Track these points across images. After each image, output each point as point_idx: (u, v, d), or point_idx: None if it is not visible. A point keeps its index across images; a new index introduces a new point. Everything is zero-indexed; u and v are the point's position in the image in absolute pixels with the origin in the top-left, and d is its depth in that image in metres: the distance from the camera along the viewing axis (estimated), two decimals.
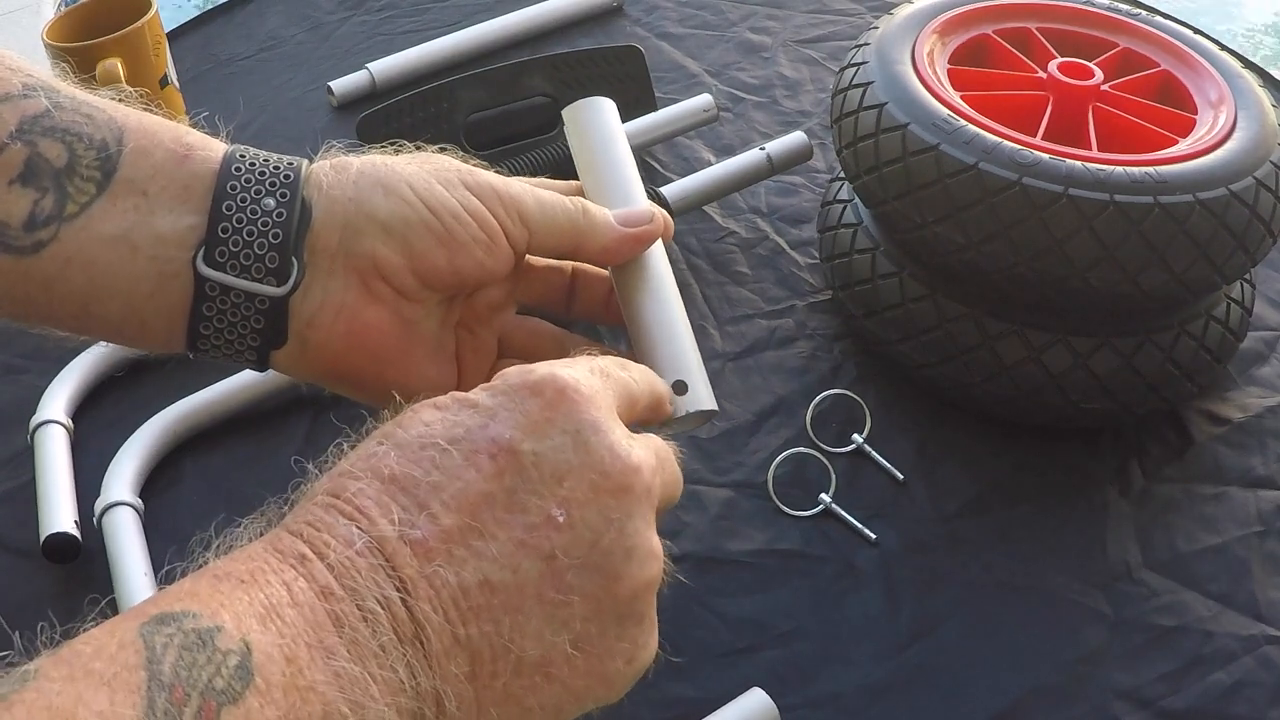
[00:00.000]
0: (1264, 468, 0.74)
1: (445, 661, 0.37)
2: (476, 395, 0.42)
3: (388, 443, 0.41)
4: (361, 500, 0.39)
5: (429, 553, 0.38)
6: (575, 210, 0.54)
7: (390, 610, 0.37)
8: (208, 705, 0.32)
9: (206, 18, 1.26)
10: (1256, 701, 0.62)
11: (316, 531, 0.38)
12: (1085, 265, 0.67)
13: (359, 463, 0.40)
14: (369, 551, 0.37)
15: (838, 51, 1.15)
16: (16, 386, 0.82)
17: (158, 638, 0.33)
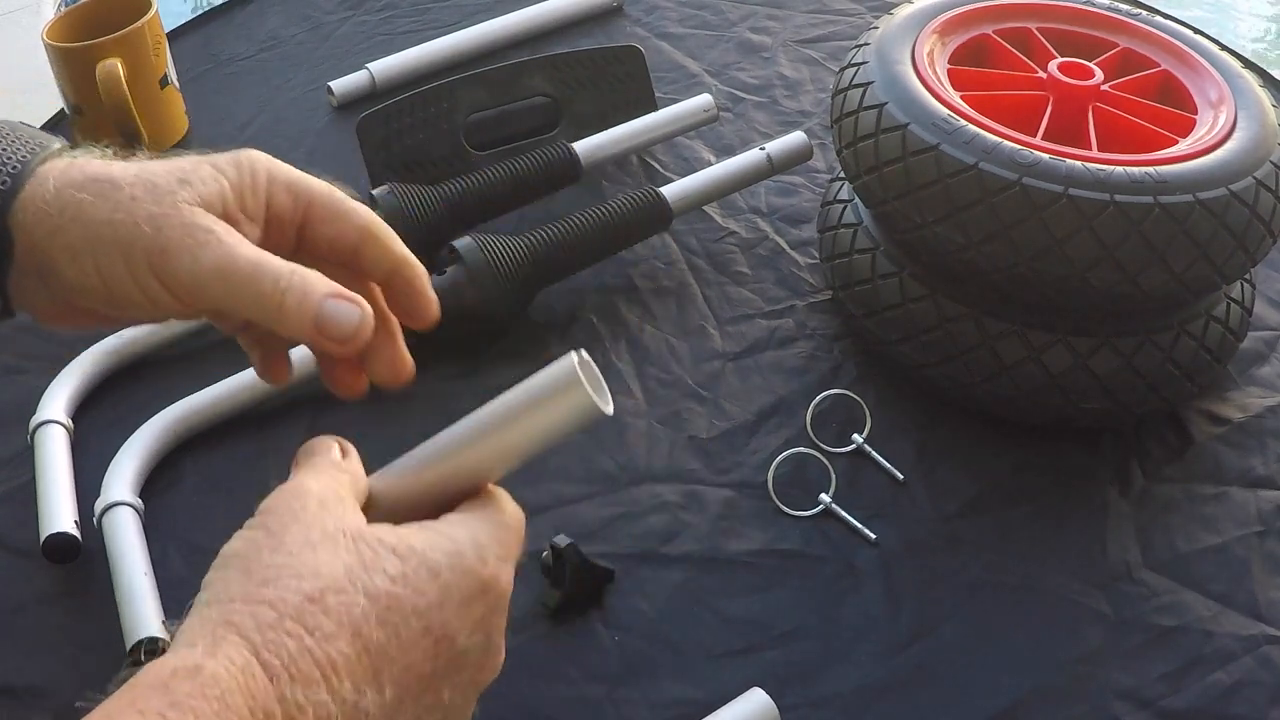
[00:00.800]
0: (1264, 468, 0.74)
1: None
2: (437, 560, 0.44)
3: (358, 589, 0.42)
4: (334, 656, 0.40)
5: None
6: (270, 302, 0.48)
7: None
8: None
9: (206, 18, 1.26)
10: (1256, 701, 0.62)
11: (292, 683, 0.39)
12: (1085, 265, 0.67)
13: (338, 608, 0.41)
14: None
15: (838, 51, 1.15)
16: (16, 386, 0.82)
17: None
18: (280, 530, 0.42)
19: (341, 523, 0.43)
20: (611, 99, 1.01)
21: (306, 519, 0.43)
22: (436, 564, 0.43)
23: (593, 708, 0.62)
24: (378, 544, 0.43)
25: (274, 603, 0.40)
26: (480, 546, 0.45)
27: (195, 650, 0.38)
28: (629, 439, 0.77)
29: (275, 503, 0.44)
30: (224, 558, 0.43)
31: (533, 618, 0.67)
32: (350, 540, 0.43)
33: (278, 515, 0.43)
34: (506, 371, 0.82)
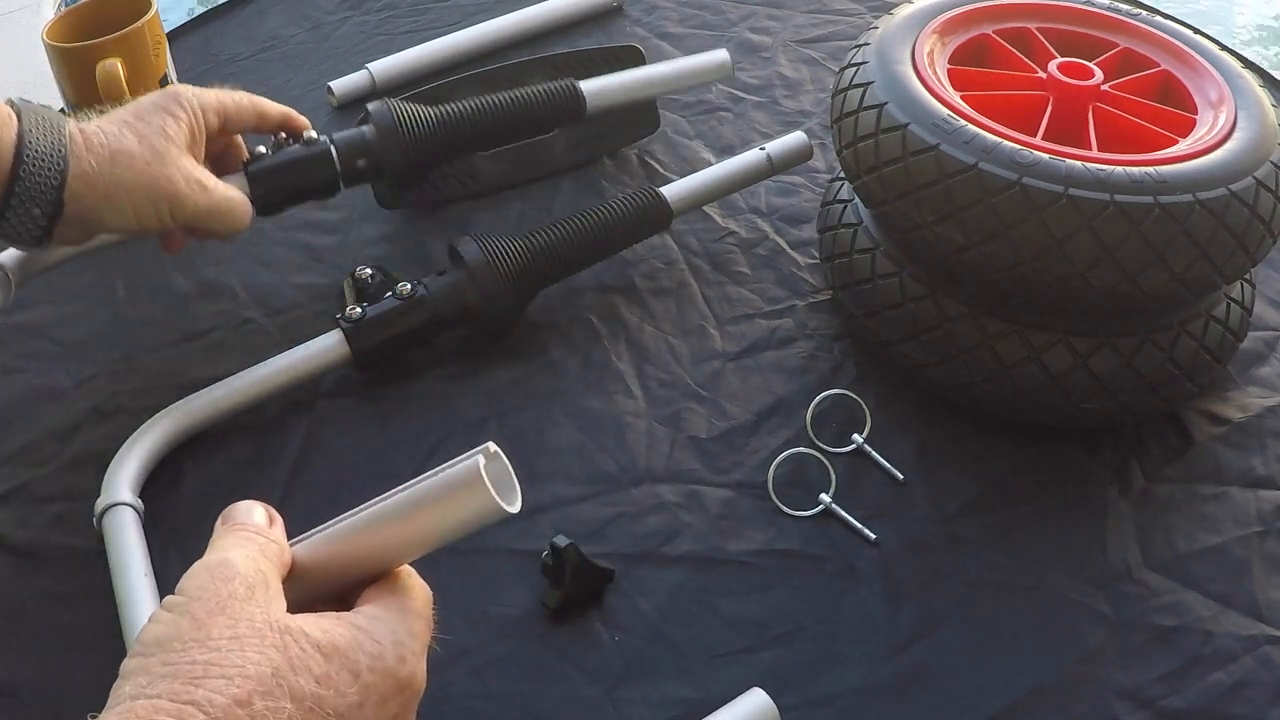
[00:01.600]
0: (1264, 468, 0.74)
1: None
2: (359, 661, 0.45)
3: (284, 692, 0.42)
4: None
5: None
6: (241, 222, 0.79)
7: None
8: None
9: (206, 18, 1.26)
10: (1256, 701, 0.62)
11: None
12: (1085, 265, 0.67)
13: (264, 712, 0.41)
14: None
15: (838, 51, 1.15)
16: (16, 386, 0.82)
17: None
18: (206, 619, 0.43)
19: (268, 615, 0.44)
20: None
21: (233, 610, 0.43)
22: (358, 665, 0.44)
23: (593, 708, 0.62)
24: (304, 641, 0.43)
25: (201, 704, 0.40)
26: (399, 645, 0.46)
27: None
28: (629, 439, 0.77)
29: (200, 584, 0.44)
30: (145, 644, 0.43)
31: (533, 618, 0.67)
32: (278, 636, 0.43)
33: (203, 601, 0.43)
34: (506, 371, 0.82)
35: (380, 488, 0.50)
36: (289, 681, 0.42)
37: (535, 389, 0.81)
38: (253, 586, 0.45)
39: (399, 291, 0.80)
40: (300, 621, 0.44)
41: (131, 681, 0.41)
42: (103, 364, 0.84)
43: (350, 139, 0.86)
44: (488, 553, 0.70)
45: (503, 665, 0.64)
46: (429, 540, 0.48)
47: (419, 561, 0.50)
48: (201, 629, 0.42)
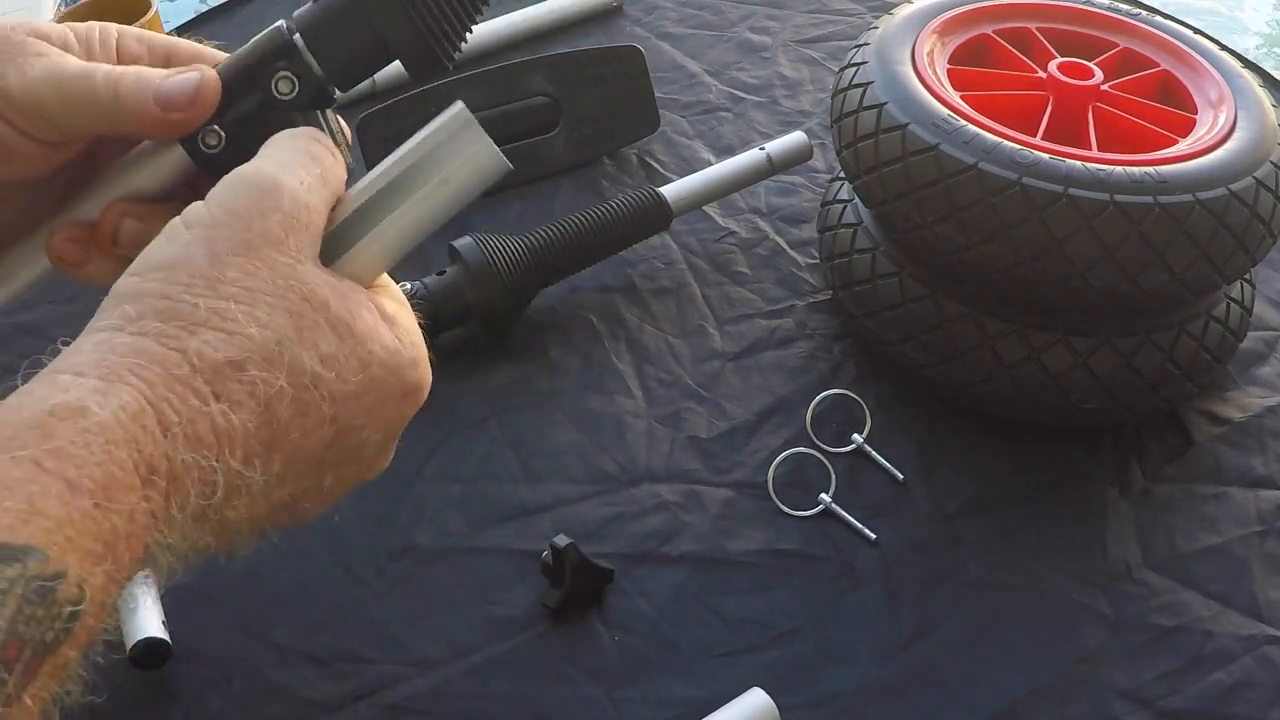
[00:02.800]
0: (1264, 468, 0.74)
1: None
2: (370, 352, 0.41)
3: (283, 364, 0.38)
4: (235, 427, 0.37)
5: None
6: (101, 88, 0.44)
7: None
8: (35, 661, 0.31)
9: (206, 18, 1.27)
10: (1256, 701, 0.62)
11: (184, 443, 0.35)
12: (1085, 265, 0.67)
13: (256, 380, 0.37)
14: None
15: (838, 51, 1.15)
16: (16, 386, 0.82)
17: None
18: (226, 256, 0.38)
19: (295, 270, 0.39)
20: (611, 99, 1.01)
21: (260, 252, 0.38)
22: (370, 355, 0.40)
23: (593, 708, 0.62)
24: (323, 312, 0.39)
25: (190, 355, 0.36)
26: (415, 345, 0.43)
27: (83, 383, 0.34)
28: (629, 439, 0.77)
29: (234, 207, 0.39)
30: (148, 264, 0.38)
31: (533, 618, 0.66)
32: (297, 299, 0.39)
33: (230, 230, 0.38)
34: (506, 371, 0.82)
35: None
36: (291, 353, 0.38)
37: (535, 389, 0.81)
38: (292, 227, 0.39)
39: None
40: (326, 287, 0.40)
41: (119, 309, 0.37)
42: None
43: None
44: (488, 553, 0.70)
45: (503, 665, 0.64)
46: (434, 214, 0.44)
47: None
48: (217, 266, 0.38)
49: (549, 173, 1.00)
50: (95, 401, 0.34)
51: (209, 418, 0.36)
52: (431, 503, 0.73)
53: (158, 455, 0.34)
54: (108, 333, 0.36)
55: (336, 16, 0.46)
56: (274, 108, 0.46)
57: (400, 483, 0.73)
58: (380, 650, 0.65)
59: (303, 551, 0.69)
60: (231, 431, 0.36)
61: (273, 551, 0.72)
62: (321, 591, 0.68)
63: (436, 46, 0.46)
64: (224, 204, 0.39)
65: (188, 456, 0.35)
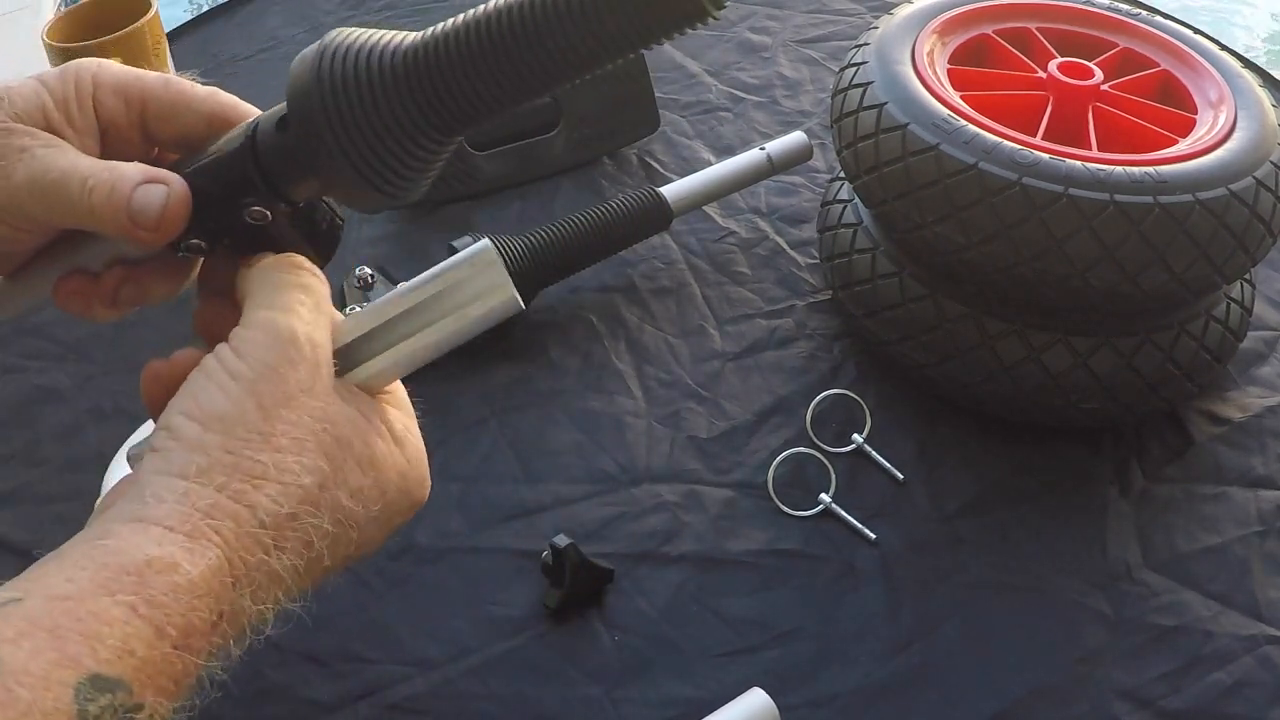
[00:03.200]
0: (1264, 468, 0.74)
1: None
2: (388, 481, 0.46)
3: (325, 509, 0.43)
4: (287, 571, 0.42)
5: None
6: (81, 206, 0.46)
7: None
8: None
9: (206, 18, 1.27)
10: (1256, 701, 0.62)
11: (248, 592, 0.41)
12: (1085, 265, 0.67)
13: (306, 529, 0.43)
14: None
15: (838, 51, 1.15)
16: (16, 386, 0.82)
17: (90, 709, 0.35)
18: (272, 410, 0.42)
19: (325, 411, 0.43)
20: (611, 99, 1.01)
21: (298, 404, 0.43)
22: (387, 484, 0.46)
23: (593, 708, 0.62)
24: (349, 451, 0.44)
25: (257, 510, 0.41)
26: (420, 464, 0.48)
27: (174, 539, 0.39)
28: (629, 439, 0.77)
29: (266, 360, 0.43)
30: (206, 415, 0.42)
31: (533, 618, 0.66)
32: (331, 441, 0.43)
33: (269, 384, 0.43)
34: (506, 371, 0.82)
35: None
36: (330, 495, 0.43)
37: (535, 389, 0.81)
38: (315, 371, 0.44)
39: None
40: (348, 425, 0.44)
41: (190, 455, 0.41)
42: (103, 364, 0.84)
43: None
44: (488, 553, 0.70)
45: (503, 665, 0.64)
46: (446, 341, 0.48)
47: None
48: (268, 421, 0.42)
49: (549, 173, 1.01)
50: (185, 559, 0.39)
51: (268, 566, 0.41)
52: (431, 503, 0.72)
53: (226, 602, 0.40)
54: (186, 483, 0.41)
55: (293, 159, 0.46)
56: (246, 231, 0.47)
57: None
58: (380, 650, 0.65)
59: None
60: (283, 575, 0.42)
61: None
62: (321, 591, 0.67)
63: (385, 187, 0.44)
64: (258, 359, 0.43)
65: (248, 603, 0.41)
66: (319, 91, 0.46)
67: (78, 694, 0.35)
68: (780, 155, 0.93)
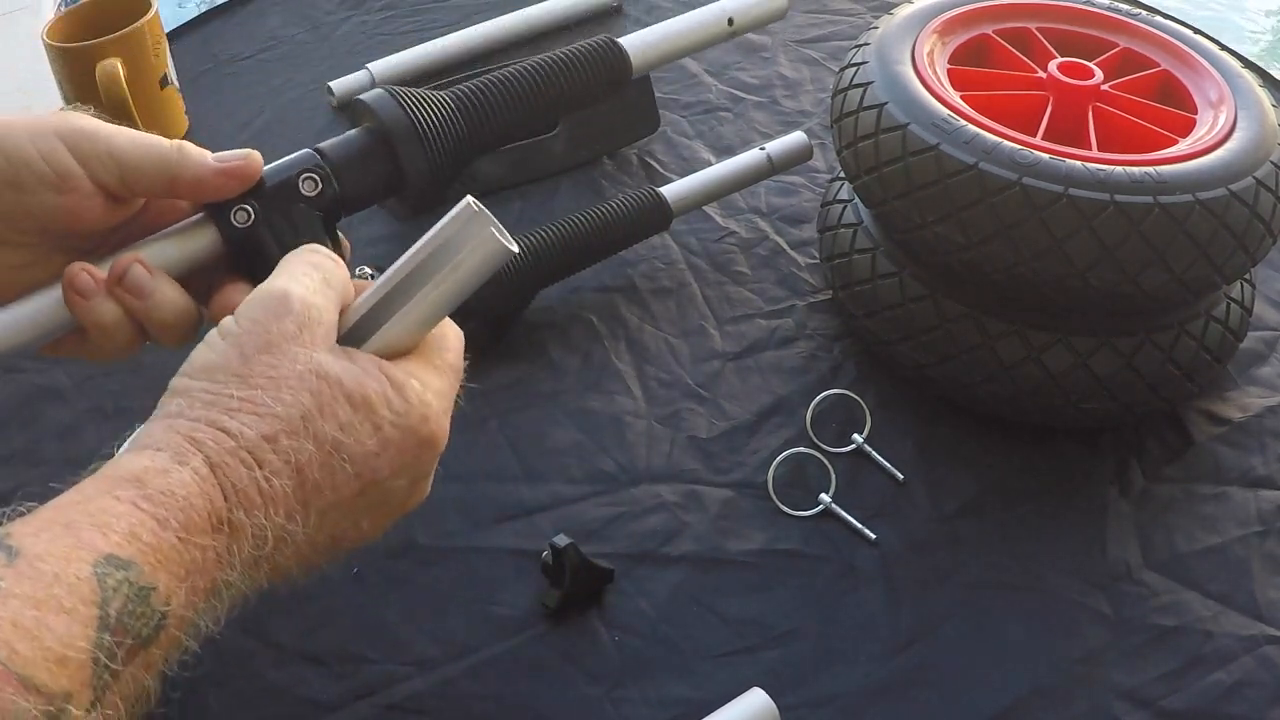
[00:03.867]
0: (1264, 468, 0.74)
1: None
2: (383, 416, 0.48)
3: (308, 434, 0.46)
4: (275, 490, 0.45)
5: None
6: (170, 148, 0.54)
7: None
8: (134, 649, 0.40)
9: (206, 18, 1.26)
10: (1256, 701, 0.62)
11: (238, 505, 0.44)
12: (1085, 265, 0.67)
13: (287, 449, 0.46)
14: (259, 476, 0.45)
15: (838, 51, 1.15)
16: (16, 386, 0.82)
17: (109, 580, 0.39)
18: (253, 355, 0.47)
19: (311, 357, 0.47)
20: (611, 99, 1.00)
21: (280, 348, 0.47)
22: (380, 419, 0.48)
23: (593, 708, 0.62)
24: (337, 388, 0.47)
25: (234, 434, 0.45)
26: (425, 404, 0.50)
27: (163, 455, 0.44)
28: (629, 439, 0.77)
29: (254, 316, 0.48)
30: (194, 367, 0.47)
31: (533, 618, 0.67)
32: (314, 379, 0.47)
33: (253, 335, 0.47)
34: (506, 371, 0.82)
35: None
36: (314, 425, 0.46)
37: (535, 389, 0.81)
38: (304, 324, 0.48)
39: None
40: (339, 367, 0.47)
41: (176, 400, 0.47)
42: (103, 364, 0.84)
43: None
44: (488, 553, 0.70)
45: (503, 665, 0.64)
46: (448, 297, 0.50)
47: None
48: (246, 364, 0.46)
49: (549, 173, 1.00)
50: (175, 466, 0.44)
51: (255, 482, 0.44)
52: (431, 503, 0.72)
53: (221, 511, 0.44)
54: (172, 419, 0.46)
55: (362, 147, 0.58)
56: (296, 199, 0.55)
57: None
58: (380, 650, 0.65)
59: None
60: (274, 494, 0.45)
61: None
62: (321, 591, 0.68)
63: (443, 183, 0.59)
64: (248, 315, 0.48)
65: (242, 517, 0.44)
66: (404, 111, 0.60)
67: (96, 568, 0.39)
68: (780, 155, 0.93)
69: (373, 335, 0.50)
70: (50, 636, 0.37)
